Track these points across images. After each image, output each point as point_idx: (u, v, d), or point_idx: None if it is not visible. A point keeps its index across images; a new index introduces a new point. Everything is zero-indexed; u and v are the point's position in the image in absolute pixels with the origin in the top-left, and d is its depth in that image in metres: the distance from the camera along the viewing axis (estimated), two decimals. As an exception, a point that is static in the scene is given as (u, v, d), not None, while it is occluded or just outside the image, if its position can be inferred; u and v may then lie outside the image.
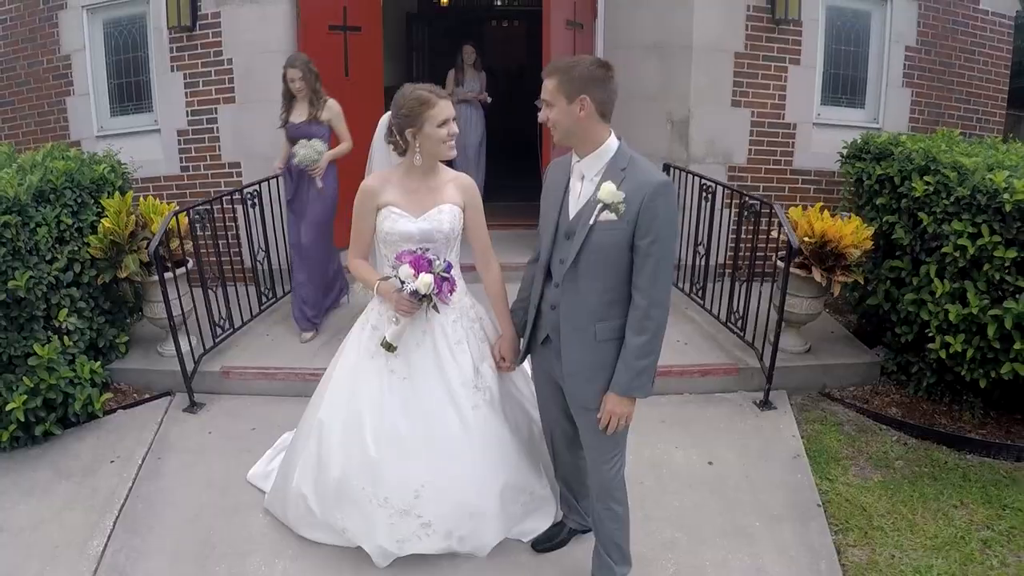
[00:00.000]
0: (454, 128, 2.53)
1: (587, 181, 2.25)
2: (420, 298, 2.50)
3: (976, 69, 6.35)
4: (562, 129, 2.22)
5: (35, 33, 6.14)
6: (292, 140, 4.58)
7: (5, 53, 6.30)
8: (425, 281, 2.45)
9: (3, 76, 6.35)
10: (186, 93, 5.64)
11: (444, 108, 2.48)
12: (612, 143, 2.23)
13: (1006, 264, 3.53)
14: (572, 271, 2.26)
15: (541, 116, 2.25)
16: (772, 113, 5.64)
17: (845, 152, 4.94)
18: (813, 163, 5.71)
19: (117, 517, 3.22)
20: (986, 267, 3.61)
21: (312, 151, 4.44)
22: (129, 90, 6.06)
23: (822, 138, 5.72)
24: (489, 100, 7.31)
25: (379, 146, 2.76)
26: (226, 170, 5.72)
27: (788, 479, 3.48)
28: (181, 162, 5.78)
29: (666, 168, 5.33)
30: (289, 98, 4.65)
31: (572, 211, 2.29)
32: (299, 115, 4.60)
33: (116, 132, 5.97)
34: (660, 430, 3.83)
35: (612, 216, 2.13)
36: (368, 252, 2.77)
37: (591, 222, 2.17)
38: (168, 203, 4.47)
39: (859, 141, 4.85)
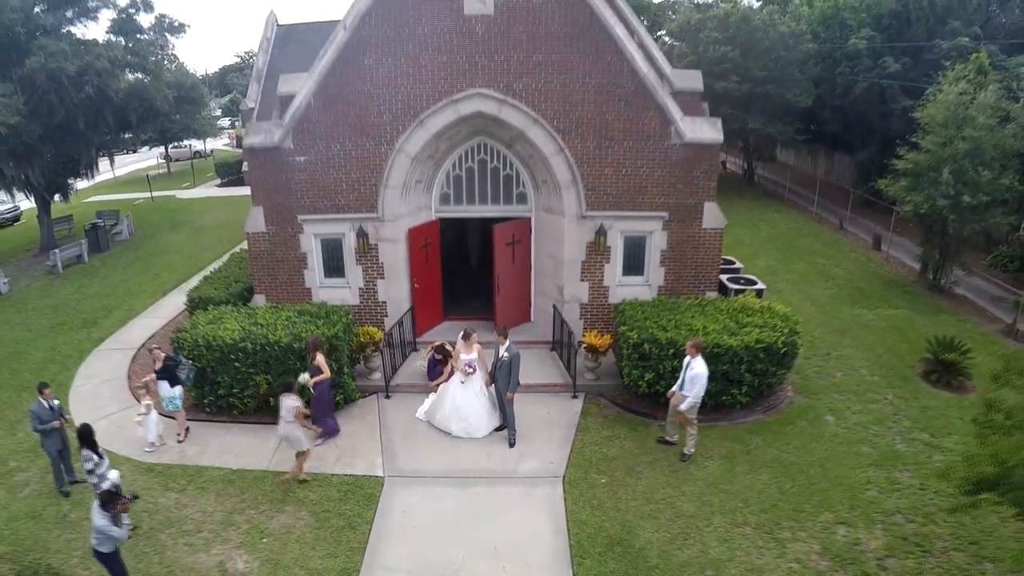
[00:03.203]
0: (477, 337, 11.02)
1: (504, 351, 10.60)
2: (468, 373, 11.07)
3: (698, 258, 14.27)
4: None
5: (287, 241, 14.34)
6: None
7: (271, 248, 14.49)
8: (471, 370, 11.04)
9: (269, 259, 14.55)
10: (363, 274, 14.02)
11: (475, 337, 11.00)
12: (507, 342, 10.59)
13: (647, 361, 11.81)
14: (499, 368, 10.71)
15: (494, 336, 10.64)
16: (598, 282, 13.94)
17: (615, 305, 13.29)
18: (617, 302, 13.93)
19: (380, 427, 11.57)
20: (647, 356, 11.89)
21: (303, 378, 10.72)
22: (333, 267, 14.37)
23: (623, 291, 13.93)
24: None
25: (459, 339, 11.29)
26: (380, 304, 14.10)
27: (571, 419, 11.78)
28: (360, 301, 14.13)
29: (553, 307, 13.71)
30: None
31: (499, 357, 10.69)
32: (311, 360, 11.24)
33: (327, 286, 14.30)
34: (535, 405, 12.13)
35: (506, 359, 10.51)
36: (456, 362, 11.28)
37: (503, 360, 10.59)
38: (356, 323, 12.78)
39: (622, 299, 13.17)
